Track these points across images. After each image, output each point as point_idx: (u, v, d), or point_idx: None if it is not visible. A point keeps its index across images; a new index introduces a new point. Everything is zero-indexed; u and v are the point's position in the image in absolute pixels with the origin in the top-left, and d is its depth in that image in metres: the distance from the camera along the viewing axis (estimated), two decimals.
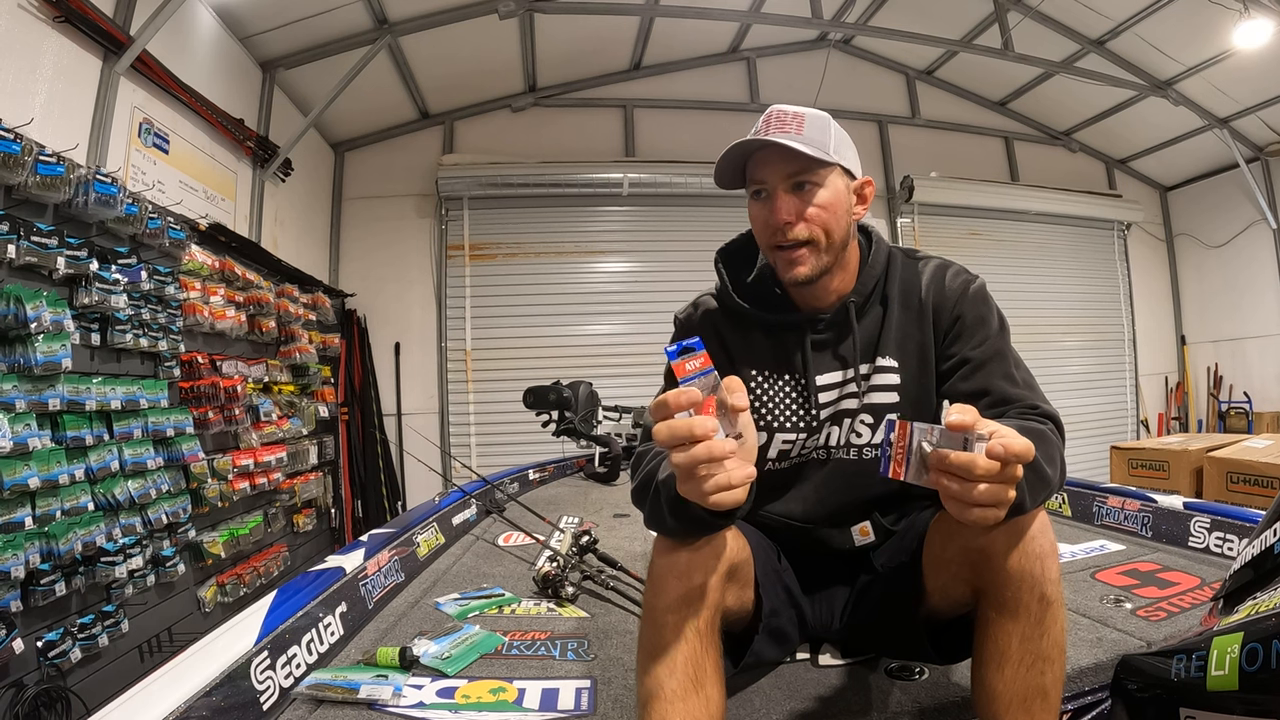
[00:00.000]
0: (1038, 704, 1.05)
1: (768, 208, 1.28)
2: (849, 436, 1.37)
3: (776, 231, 1.27)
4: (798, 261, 1.27)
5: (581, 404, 4.75)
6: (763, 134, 1.25)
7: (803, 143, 1.22)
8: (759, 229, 1.32)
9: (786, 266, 1.29)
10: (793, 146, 1.21)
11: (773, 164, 1.26)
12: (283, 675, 1.46)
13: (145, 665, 3.19)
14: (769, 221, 1.28)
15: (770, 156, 1.26)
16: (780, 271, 1.31)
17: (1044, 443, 1.07)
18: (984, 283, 1.38)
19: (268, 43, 5.06)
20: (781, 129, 1.25)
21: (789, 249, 1.27)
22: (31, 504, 2.58)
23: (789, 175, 1.26)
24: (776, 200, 1.26)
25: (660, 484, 1.12)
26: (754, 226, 1.35)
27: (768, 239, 1.30)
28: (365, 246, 6.65)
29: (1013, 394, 1.23)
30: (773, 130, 1.25)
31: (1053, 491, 1.09)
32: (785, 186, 1.26)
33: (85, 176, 2.94)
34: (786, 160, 1.24)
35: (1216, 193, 7.73)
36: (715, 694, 1.10)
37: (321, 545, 5.50)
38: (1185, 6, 5.63)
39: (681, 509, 1.05)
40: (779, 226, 1.26)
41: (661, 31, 6.47)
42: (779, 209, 1.26)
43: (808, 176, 1.26)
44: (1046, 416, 1.19)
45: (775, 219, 1.26)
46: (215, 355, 4.02)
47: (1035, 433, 1.07)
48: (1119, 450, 4.33)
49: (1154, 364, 8.15)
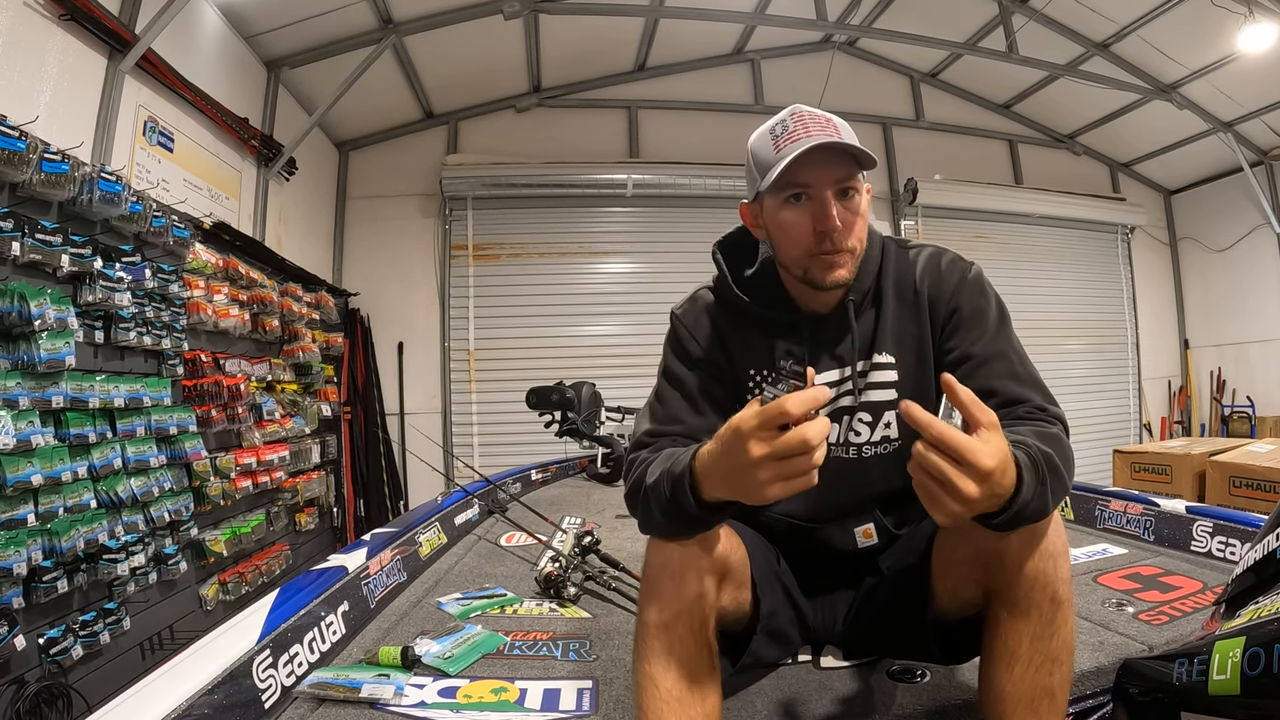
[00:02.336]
0: (1045, 705, 1.05)
1: (811, 212, 1.20)
2: (848, 435, 1.36)
3: (826, 238, 1.20)
4: (839, 264, 1.22)
5: (584, 405, 4.75)
6: (800, 134, 1.17)
7: (851, 143, 1.17)
8: (796, 235, 1.23)
9: (827, 270, 1.22)
10: (849, 148, 1.16)
11: (822, 167, 1.18)
12: (285, 674, 1.46)
13: (147, 663, 3.19)
14: (816, 227, 1.20)
15: (817, 159, 1.17)
16: (817, 275, 1.23)
17: (1060, 447, 1.06)
18: (980, 269, 1.35)
19: (273, 42, 5.07)
20: (821, 130, 1.18)
21: (832, 254, 1.21)
22: (34, 501, 2.58)
23: (838, 180, 1.19)
24: (828, 205, 1.19)
25: (649, 486, 1.12)
26: (786, 232, 1.24)
27: (811, 245, 1.22)
28: (369, 246, 6.65)
29: (1019, 394, 1.20)
30: (812, 131, 1.17)
31: (1067, 494, 1.08)
32: (834, 191, 1.19)
33: (90, 174, 2.95)
34: (836, 165, 1.18)
35: (1221, 197, 7.71)
36: (711, 693, 1.10)
37: (323, 544, 5.50)
38: (1190, 10, 5.62)
39: (673, 506, 1.06)
40: (831, 233, 1.19)
41: (666, 33, 6.46)
42: (832, 215, 1.18)
43: (853, 183, 1.21)
44: (1055, 419, 1.17)
45: (828, 224, 1.18)
46: (219, 354, 4.03)
47: (1052, 438, 1.07)
48: (1121, 454, 4.32)
49: (1157, 368, 8.14)
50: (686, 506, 1.05)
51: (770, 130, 1.22)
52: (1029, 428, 1.10)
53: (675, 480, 1.06)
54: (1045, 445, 1.02)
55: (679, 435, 1.29)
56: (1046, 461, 0.99)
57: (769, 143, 1.21)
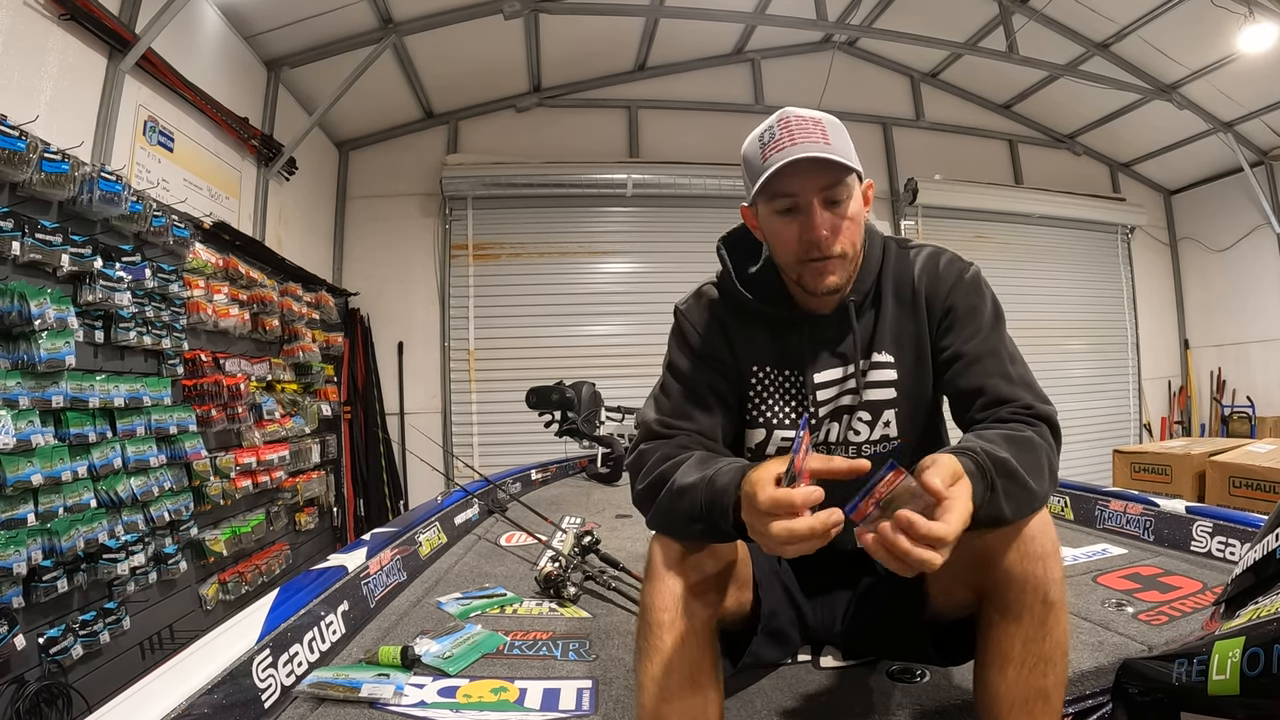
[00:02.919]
0: (1039, 706, 1.05)
1: (799, 223, 1.21)
2: (847, 433, 1.36)
3: (813, 247, 1.20)
4: (829, 271, 1.22)
5: (584, 404, 4.75)
6: (786, 143, 1.17)
7: (833, 153, 1.16)
8: (785, 243, 1.24)
9: (818, 277, 1.23)
10: (831, 159, 1.15)
11: (805, 176, 1.17)
12: (284, 673, 1.46)
13: (146, 662, 3.19)
14: (803, 237, 1.21)
15: (801, 168, 1.16)
16: (810, 282, 1.24)
17: (1030, 451, 1.08)
18: (978, 270, 1.35)
19: (273, 41, 5.07)
20: (807, 138, 1.16)
21: (821, 260, 1.21)
22: (34, 500, 2.58)
23: (823, 188, 1.19)
24: (813, 215, 1.19)
25: (681, 488, 1.13)
26: (777, 240, 1.26)
27: (800, 254, 1.22)
28: (369, 246, 6.66)
29: (1007, 393, 1.21)
30: (798, 139, 1.16)
31: (1037, 500, 1.08)
32: (820, 200, 1.19)
33: (90, 174, 2.94)
34: (819, 173, 1.17)
35: (1221, 197, 7.71)
36: (713, 693, 1.10)
37: (323, 544, 5.50)
38: (1190, 10, 5.62)
39: (706, 518, 1.08)
40: (817, 242, 1.19)
41: (666, 33, 6.46)
42: (818, 224, 1.19)
43: (839, 190, 1.20)
44: (1040, 418, 1.17)
45: (814, 234, 1.19)
46: (218, 353, 4.03)
47: (1020, 441, 1.09)
48: (1121, 454, 4.33)
49: (1157, 368, 8.14)
50: (721, 525, 1.07)
51: (759, 138, 1.22)
52: (999, 431, 1.12)
53: (717, 495, 1.08)
54: (1004, 450, 1.04)
55: (693, 433, 1.30)
56: (999, 467, 1.01)
57: (758, 151, 1.21)
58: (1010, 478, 1.02)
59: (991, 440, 1.07)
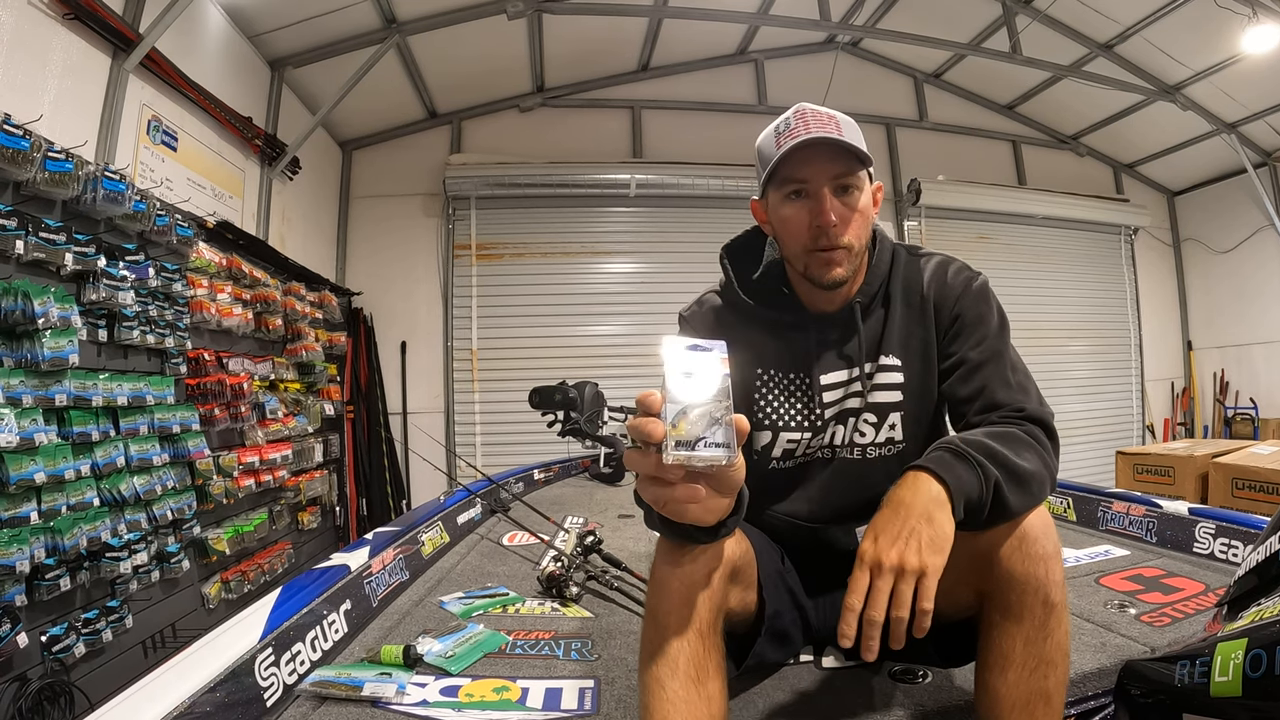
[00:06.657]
0: (1040, 708, 1.05)
1: (808, 208, 1.22)
2: (853, 436, 1.37)
3: (821, 234, 1.21)
4: (836, 262, 1.23)
5: (587, 404, 4.75)
6: (801, 131, 1.18)
7: (847, 141, 1.18)
8: (794, 230, 1.25)
9: (824, 267, 1.24)
10: (844, 144, 1.17)
11: (818, 163, 1.20)
12: (287, 672, 1.47)
13: (149, 661, 3.20)
14: (812, 223, 1.22)
15: (814, 155, 1.19)
16: (816, 272, 1.25)
17: (1011, 443, 1.10)
18: (986, 280, 1.36)
19: (276, 41, 5.08)
20: (823, 128, 1.18)
21: (828, 250, 1.23)
22: (37, 499, 2.58)
23: (835, 176, 1.21)
24: (824, 201, 1.20)
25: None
26: (785, 227, 1.27)
27: (808, 241, 1.24)
28: (372, 245, 6.66)
29: (1002, 399, 1.23)
30: (813, 129, 1.18)
31: (1035, 491, 1.09)
32: (831, 187, 1.21)
33: (93, 173, 2.95)
34: (833, 160, 1.20)
35: (1224, 198, 7.69)
36: (718, 695, 1.09)
37: (326, 543, 5.51)
38: (1194, 11, 5.61)
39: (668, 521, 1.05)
40: (826, 228, 1.20)
41: (669, 33, 6.47)
42: (827, 209, 1.20)
43: (851, 179, 1.22)
44: (1032, 420, 1.18)
45: (824, 219, 1.20)
46: (222, 352, 4.03)
47: (1003, 435, 1.12)
48: (1124, 455, 4.32)
49: (1160, 369, 8.12)
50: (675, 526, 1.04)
51: (775, 128, 1.25)
52: (985, 429, 1.15)
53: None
54: (984, 439, 1.09)
55: None
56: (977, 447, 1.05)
57: (773, 139, 1.24)
58: (991, 456, 1.05)
59: (973, 434, 1.11)
